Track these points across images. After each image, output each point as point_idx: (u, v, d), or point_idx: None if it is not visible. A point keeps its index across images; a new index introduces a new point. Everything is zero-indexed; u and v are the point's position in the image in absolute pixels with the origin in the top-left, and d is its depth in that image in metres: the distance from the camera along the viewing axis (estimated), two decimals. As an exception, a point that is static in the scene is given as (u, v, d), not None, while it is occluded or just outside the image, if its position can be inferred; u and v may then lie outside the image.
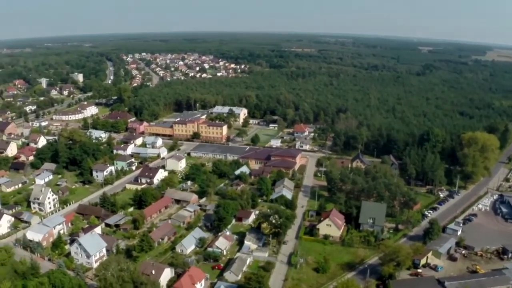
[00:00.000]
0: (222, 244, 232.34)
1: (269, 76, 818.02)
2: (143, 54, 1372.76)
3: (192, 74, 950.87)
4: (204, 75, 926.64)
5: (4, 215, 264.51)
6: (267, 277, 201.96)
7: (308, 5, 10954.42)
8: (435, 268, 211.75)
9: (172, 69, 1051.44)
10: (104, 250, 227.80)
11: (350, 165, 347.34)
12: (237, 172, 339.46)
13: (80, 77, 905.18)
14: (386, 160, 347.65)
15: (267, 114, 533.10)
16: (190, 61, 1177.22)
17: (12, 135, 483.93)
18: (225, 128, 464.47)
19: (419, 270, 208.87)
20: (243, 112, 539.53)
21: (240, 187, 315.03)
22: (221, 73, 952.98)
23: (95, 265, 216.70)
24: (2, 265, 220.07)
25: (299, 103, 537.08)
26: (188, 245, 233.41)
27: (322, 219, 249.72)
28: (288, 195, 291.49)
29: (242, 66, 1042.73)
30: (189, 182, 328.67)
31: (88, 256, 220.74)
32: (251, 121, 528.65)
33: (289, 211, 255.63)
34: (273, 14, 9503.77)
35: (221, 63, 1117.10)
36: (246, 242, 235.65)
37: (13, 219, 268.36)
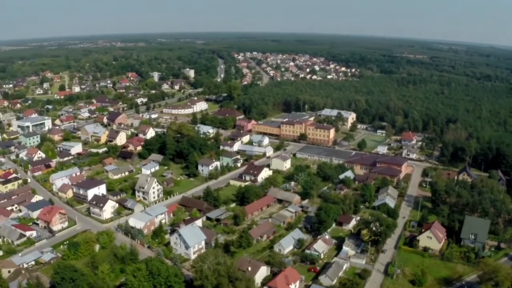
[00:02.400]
0: (320, 247, 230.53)
1: (379, 81, 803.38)
2: (254, 53, 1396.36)
3: (302, 75, 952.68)
4: (314, 77, 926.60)
5: (109, 200, 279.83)
6: (362, 285, 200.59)
7: (422, 10, 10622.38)
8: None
9: (283, 69, 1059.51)
10: (203, 243, 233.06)
11: (456, 178, 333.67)
12: (342, 176, 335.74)
13: (191, 73, 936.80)
14: (494, 175, 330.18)
15: (376, 119, 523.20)
16: (301, 62, 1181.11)
17: (122, 125, 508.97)
18: (332, 131, 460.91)
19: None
20: (351, 116, 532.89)
21: (343, 192, 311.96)
22: (331, 76, 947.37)
23: (193, 257, 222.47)
24: (103, 248, 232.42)
25: (409, 111, 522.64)
26: (286, 245, 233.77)
27: (423, 230, 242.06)
28: (391, 203, 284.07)
29: (353, 70, 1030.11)
30: (292, 183, 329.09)
31: (187, 247, 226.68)
32: (359, 126, 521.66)
33: (391, 220, 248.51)
34: (386, 18, 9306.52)
35: (331, 66, 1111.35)
36: (345, 248, 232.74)
37: (117, 205, 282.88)
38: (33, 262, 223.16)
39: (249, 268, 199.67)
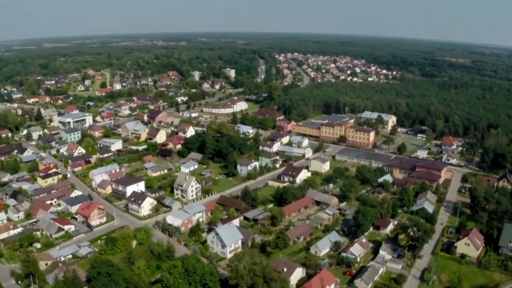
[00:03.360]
0: (357, 250, 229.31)
1: (420, 84, 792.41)
2: (295, 54, 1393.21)
3: (343, 77, 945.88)
4: (355, 79, 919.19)
5: (147, 197, 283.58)
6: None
7: (464, 14, 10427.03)
8: None
9: (323, 71, 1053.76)
10: (239, 242, 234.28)
11: (496, 184, 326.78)
12: (380, 179, 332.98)
13: (232, 73, 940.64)
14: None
15: (416, 123, 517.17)
16: (342, 64, 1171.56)
17: (162, 123, 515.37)
18: (372, 134, 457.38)
19: None
20: (391, 120, 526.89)
21: (381, 195, 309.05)
22: (372, 78, 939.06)
23: (229, 256, 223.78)
24: (140, 244, 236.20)
25: (449, 115, 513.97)
26: (322, 248, 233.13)
27: (461, 237, 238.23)
28: (430, 208, 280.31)
29: (394, 73, 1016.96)
30: (331, 185, 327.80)
31: (224, 246, 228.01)
32: (399, 129, 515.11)
33: (428, 225, 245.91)
34: (428, 20, 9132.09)
35: (372, 68, 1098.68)
36: (381, 252, 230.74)
37: (155, 202, 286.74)
38: (70, 256, 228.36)
39: (285, 269, 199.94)
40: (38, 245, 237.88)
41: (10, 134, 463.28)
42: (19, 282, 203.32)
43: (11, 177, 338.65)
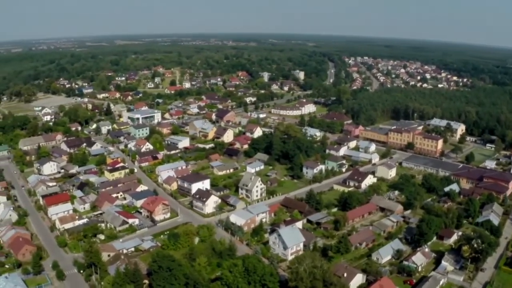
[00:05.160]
0: (419, 259, 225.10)
1: (492, 92, 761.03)
2: (365, 58, 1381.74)
3: (413, 83, 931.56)
4: (424, 85, 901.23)
5: (212, 195, 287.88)
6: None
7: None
8: None
9: (393, 75, 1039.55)
10: (301, 245, 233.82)
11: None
12: (447, 189, 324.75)
13: (301, 75, 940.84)
14: None
15: (486, 133, 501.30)
16: (412, 70, 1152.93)
17: (230, 123, 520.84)
18: (440, 142, 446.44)
19: None
20: (460, 128, 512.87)
21: (447, 205, 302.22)
22: (442, 85, 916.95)
23: (290, 258, 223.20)
24: (202, 242, 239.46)
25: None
26: (384, 255, 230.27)
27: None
28: (495, 221, 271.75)
29: (465, 80, 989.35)
30: (396, 192, 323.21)
31: (285, 247, 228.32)
32: (468, 138, 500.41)
33: (493, 238, 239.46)
34: (501, 27, 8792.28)
35: (443, 75, 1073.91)
36: (444, 262, 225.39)
37: (219, 200, 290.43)
38: (132, 249, 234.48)
39: (345, 274, 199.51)
40: (102, 237, 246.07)
41: (80, 128, 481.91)
42: (81, 271, 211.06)
43: (79, 169, 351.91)
